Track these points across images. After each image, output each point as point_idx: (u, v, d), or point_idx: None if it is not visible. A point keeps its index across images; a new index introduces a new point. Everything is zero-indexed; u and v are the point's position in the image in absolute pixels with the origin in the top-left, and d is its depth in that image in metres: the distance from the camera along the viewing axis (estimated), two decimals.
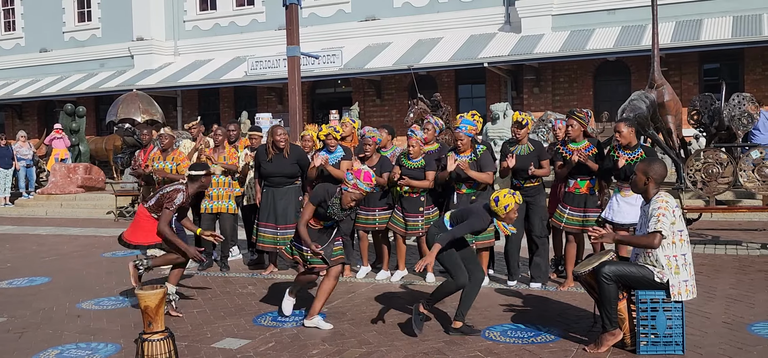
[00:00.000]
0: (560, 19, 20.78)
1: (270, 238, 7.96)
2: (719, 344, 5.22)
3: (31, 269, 9.35)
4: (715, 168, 9.46)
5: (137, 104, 19.26)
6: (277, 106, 23.73)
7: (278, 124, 8.70)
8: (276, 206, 7.92)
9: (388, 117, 22.25)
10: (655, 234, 4.88)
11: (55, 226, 14.40)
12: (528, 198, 7.20)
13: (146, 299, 4.65)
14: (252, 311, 6.63)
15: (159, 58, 26.23)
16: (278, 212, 7.91)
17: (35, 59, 28.23)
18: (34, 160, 19.07)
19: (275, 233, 7.93)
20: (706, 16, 19.26)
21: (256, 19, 24.95)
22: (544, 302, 6.63)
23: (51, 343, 5.80)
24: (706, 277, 7.43)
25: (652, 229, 4.90)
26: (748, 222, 11.41)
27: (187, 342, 5.67)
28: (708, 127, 13.82)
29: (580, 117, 7.00)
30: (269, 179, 8.00)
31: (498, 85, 21.83)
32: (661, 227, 4.87)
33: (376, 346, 5.44)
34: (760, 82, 18.96)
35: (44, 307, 7.08)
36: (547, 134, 13.77)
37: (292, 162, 7.95)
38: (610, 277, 4.97)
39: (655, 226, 4.89)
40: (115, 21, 26.66)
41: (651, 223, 4.92)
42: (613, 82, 20.45)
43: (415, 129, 7.66)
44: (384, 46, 22.56)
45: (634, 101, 12.20)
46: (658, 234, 4.88)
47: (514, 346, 5.35)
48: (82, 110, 20.97)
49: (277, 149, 7.91)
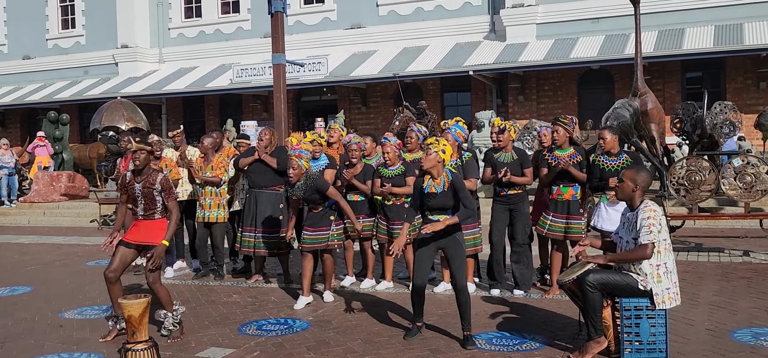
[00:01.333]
0: (545, 28, 20.94)
1: (248, 241, 8.03)
2: (702, 351, 5.25)
3: (13, 278, 9.25)
4: (697, 176, 9.54)
5: (121, 112, 19.17)
6: (262, 113, 23.70)
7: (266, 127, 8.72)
8: (257, 210, 7.98)
9: (373, 125, 22.28)
10: (647, 245, 4.91)
11: (38, 234, 14.27)
12: (511, 205, 7.23)
13: (130, 308, 4.62)
14: (237, 320, 6.60)
15: (144, 65, 26.13)
16: (258, 215, 7.97)
17: (18, 66, 28.02)
18: (17, 168, 18.89)
19: (254, 236, 7.98)
20: (688, 26, 19.48)
21: (242, 27, 24.93)
22: (530, 309, 6.65)
23: (33, 353, 5.74)
24: (690, 284, 7.48)
25: (644, 240, 4.93)
26: (731, 229, 11.51)
27: (171, 352, 5.63)
28: (690, 136, 13.96)
29: (565, 123, 7.04)
30: (252, 181, 8.04)
31: (483, 93, 21.94)
32: (653, 238, 4.91)
33: (361, 354, 5.43)
34: (742, 91, 19.19)
35: (26, 317, 7.01)
36: (532, 142, 13.83)
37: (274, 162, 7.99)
38: (595, 285, 4.99)
39: (647, 237, 4.91)
40: (99, 28, 26.53)
41: (642, 234, 4.93)
42: (597, 91, 20.61)
43: (387, 136, 7.68)
44: (369, 54, 22.61)
45: (617, 109, 12.29)
46: (650, 245, 4.91)
47: (500, 353, 5.36)
48: (65, 118, 20.82)
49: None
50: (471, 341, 5.53)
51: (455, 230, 5.70)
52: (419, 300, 5.82)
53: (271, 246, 8.01)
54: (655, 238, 4.92)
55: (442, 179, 5.69)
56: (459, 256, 5.69)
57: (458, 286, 5.64)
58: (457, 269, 5.64)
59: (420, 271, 5.75)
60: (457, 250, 5.70)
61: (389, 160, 7.43)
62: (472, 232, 7.28)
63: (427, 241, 5.73)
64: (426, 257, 5.76)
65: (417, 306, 5.85)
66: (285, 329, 6.22)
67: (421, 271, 5.75)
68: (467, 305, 5.63)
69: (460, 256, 5.70)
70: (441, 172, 5.71)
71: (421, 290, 5.77)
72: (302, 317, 6.60)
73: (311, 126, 20.48)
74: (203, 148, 8.53)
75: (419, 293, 5.79)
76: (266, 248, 8.01)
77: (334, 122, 13.48)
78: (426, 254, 5.75)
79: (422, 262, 5.76)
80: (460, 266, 5.66)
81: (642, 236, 4.94)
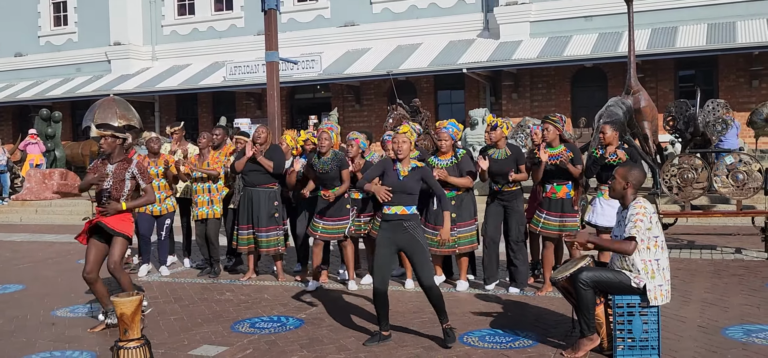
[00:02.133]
0: (538, 26, 20.96)
1: (245, 239, 8.06)
2: (694, 347, 5.27)
3: (5, 276, 9.21)
4: (690, 173, 9.57)
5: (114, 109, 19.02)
6: (255, 111, 23.66)
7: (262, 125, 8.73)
8: (253, 208, 7.98)
9: (367, 123, 22.26)
10: (630, 240, 4.92)
11: (30, 232, 14.21)
12: (505, 202, 7.23)
13: (122, 306, 4.60)
14: (230, 318, 6.59)
15: (136, 62, 26.03)
16: (254, 214, 7.97)
17: (10, 63, 27.88)
18: (9, 166, 18.81)
19: (250, 234, 8.00)
20: (681, 24, 19.53)
21: (235, 24, 24.86)
22: (522, 307, 6.66)
23: (25, 351, 5.72)
24: (682, 281, 7.51)
25: (627, 234, 4.94)
26: (723, 227, 11.55)
27: (164, 350, 5.62)
28: (683, 133, 13.99)
29: (554, 121, 7.05)
30: (247, 180, 8.03)
31: (477, 91, 21.95)
32: (635, 233, 4.91)
33: (354, 352, 5.43)
34: (734, 89, 19.25)
35: (18, 315, 6.98)
36: (525, 140, 13.84)
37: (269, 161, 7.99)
38: (588, 283, 5.00)
39: (631, 231, 4.93)
40: (91, 25, 26.42)
41: (628, 228, 4.96)
42: (590, 89, 20.65)
43: (390, 133, 7.68)
44: (363, 51, 22.59)
45: (610, 107, 12.32)
46: (632, 241, 4.91)
47: (492, 351, 5.36)
48: (57, 115, 20.74)
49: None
50: (451, 335, 5.42)
51: (414, 228, 5.49)
52: (381, 305, 5.51)
53: (267, 245, 8.01)
54: (641, 234, 4.92)
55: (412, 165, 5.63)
56: (420, 254, 5.45)
57: (425, 285, 5.42)
58: (420, 268, 5.43)
59: (380, 274, 5.47)
60: (417, 248, 5.46)
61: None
62: (468, 229, 7.30)
63: (385, 242, 5.52)
64: (385, 260, 5.49)
65: (380, 311, 5.54)
66: (278, 327, 6.21)
67: (380, 274, 5.46)
68: (440, 300, 5.45)
69: (422, 254, 5.46)
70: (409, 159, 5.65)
71: (382, 294, 5.48)
72: (296, 315, 6.60)
73: (305, 123, 20.46)
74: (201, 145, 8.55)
75: (380, 298, 5.48)
76: (264, 246, 8.01)
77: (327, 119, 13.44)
78: (385, 257, 5.50)
79: (381, 265, 5.48)
80: (423, 265, 5.43)
81: (627, 231, 4.96)
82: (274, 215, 7.99)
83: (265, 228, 7.97)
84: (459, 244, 7.26)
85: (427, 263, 5.50)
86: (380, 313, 5.55)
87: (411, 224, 5.51)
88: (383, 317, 5.57)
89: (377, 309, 5.56)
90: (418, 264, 5.45)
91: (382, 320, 5.57)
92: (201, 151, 8.59)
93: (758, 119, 15.12)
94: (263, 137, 8.07)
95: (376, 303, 5.54)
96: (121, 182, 6.09)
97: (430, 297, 5.46)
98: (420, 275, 5.44)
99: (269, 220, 7.97)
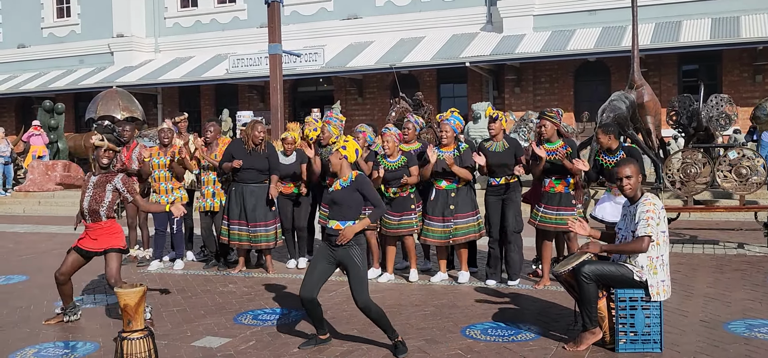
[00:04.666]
0: (542, 20, 20.91)
1: (245, 235, 8.02)
2: (696, 342, 5.28)
3: (8, 267, 9.24)
4: (693, 168, 9.56)
5: (117, 101, 19.09)
6: (258, 104, 23.65)
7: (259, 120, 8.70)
8: (246, 204, 7.97)
9: (370, 116, 22.25)
10: (644, 238, 4.92)
11: (33, 224, 14.24)
12: (502, 196, 7.23)
13: (125, 297, 4.62)
14: (232, 310, 6.60)
15: (139, 55, 26.03)
16: (248, 210, 7.96)
17: (13, 55, 27.89)
18: (12, 157, 18.83)
19: (247, 230, 7.97)
20: (685, 18, 19.48)
21: (238, 17, 24.84)
22: (525, 300, 6.67)
23: (28, 342, 5.74)
24: (684, 276, 7.51)
25: (641, 233, 4.94)
26: (725, 222, 11.54)
27: (167, 341, 5.64)
28: (686, 128, 13.97)
29: (551, 117, 7.05)
30: (240, 176, 7.99)
31: (479, 85, 21.92)
32: (650, 231, 4.91)
33: (357, 344, 5.44)
34: (738, 84, 19.21)
35: (21, 305, 7.00)
36: (528, 134, 13.84)
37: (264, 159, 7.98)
38: (590, 276, 5.00)
39: (645, 230, 4.92)
40: (94, 17, 26.42)
41: (640, 227, 4.94)
42: (593, 83, 20.62)
43: (388, 126, 7.71)
44: (366, 44, 22.56)
45: (613, 102, 12.30)
46: (646, 238, 4.92)
47: (495, 344, 5.37)
48: (60, 107, 20.75)
49: (255, 144, 7.97)
50: (402, 348, 5.15)
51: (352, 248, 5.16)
52: (312, 313, 5.28)
53: (267, 239, 8.02)
54: (653, 231, 4.93)
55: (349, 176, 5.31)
56: (355, 274, 5.13)
57: (360, 306, 5.12)
58: (355, 288, 5.12)
59: (308, 281, 5.20)
60: (352, 267, 5.15)
61: (389, 149, 7.41)
62: (466, 220, 7.28)
63: (324, 253, 5.29)
64: (318, 269, 5.25)
65: (313, 319, 5.34)
66: (281, 319, 6.23)
67: (308, 281, 5.20)
68: (381, 318, 5.14)
69: (357, 274, 5.13)
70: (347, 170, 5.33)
71: (309, 301, 5.19)
72: (298, 307, 6.60)
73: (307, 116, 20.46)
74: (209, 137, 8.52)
75: (307, 305, 5.22)
76: (263, 241, 8.02)
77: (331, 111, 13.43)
78: (318, 265, 5.27)
79: (311, 272, 5.25)
80: (357, 285, 5.11)
81: (640, 229, 4.95)
82: (272, 209, 8.03)
83: (264, 223, 7.97)
84: (457, 234, 7.26)
85: (361, 283, 5.14)
86: (312, 319, 5.36)
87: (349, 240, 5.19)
88: (318, 323, 5.36)
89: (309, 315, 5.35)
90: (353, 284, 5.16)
91: (316, 325, 5.38)
92: (209, 143, 8.54)
93: (762, 114, 15.09)
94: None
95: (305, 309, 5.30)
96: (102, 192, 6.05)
97: (371, 318, 5.18)
98: (355, 295, 5.14)
99: (268, 214, 7.99)
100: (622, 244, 5.11)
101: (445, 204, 7.26)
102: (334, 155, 5.37)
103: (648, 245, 4.93)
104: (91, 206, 6.04)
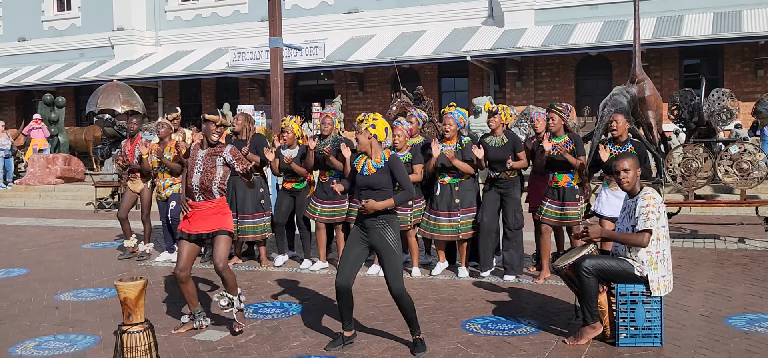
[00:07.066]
0: (543, 14, 20.87)
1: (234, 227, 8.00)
2: (697, 336, 5.27)
3: (9, 260, 9.24)
4: (694, 163, 9.54)
5: (117, 95, 19.08)
6: (259, 97, 23.62)
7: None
8: (236, 195, 8.04)
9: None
10: (644, 233, 4.91)
11: (34, 217, 14.24)
12: (502, 190, 7.22)
13: (126, 290, 4.60)
14: None
15: (140, 48, 25.99)
16: (238, 201, 8.03)
17: (13, 48, 27.86)
18: (12, 151, 18.83)
19: (236, 222, 7.99)
20: (686, 12, 19.43)
21: (239, 10, 24.79)
22: (525, 294, 6.66)
23: (29, 334, 5.74)
24: (685, 270, 7.50)
25: (641, 227, 4.93)
26: (726, 216, 11.53)
27: (167, 334, 5.63)
28: (688, 123, 13.95)
29: (560, 111, 7.03)
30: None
31: (480, 79, 21.89)
32: (650, 226, 4.91)
33: (357, 338, 5.43)
34: (740, 78, 19.17)
35: (22, 298, 7.00)
36: (529, 128, 13.82)
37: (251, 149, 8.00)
38: (591, 271, 4.99)
39: (645, 224, 4.91)
40: (95, 10, 26.37)
41: (640, 221, 4.93)
42: (594, 77, 20.59)
43: (401, 120, 7.68)
44: (367, 38, 22.52)
45: (615, 96, 12.28)
46: (647, 233, 4.91)
47: (495, 338, 5.37)
48: (61, 100, 20.74)
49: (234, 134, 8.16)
50: (421, 347, 5.04)
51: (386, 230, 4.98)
52: (344, 304, 5.06)
53: (254, 231, 8.07)
54: (653, 226, 4.92)
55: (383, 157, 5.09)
56: (389, 260, 4.94)
57: (394, 293, 4.95)
58: (389, 274, 4.93)
59: (343, 268, 5.01)
60: (386, 252, 4.96)
61: (399, 143, 7.38)
62: (469, 216, 7.27)
63: (357, 237, 5.11)
64: (352, 254, 5.06)
65: (343, 311, 5.11)
66: (281, 313, 6.23)
67: (344, 268, 5.01)
68: (410, 310, 5.00)
69: (391, 260, 4.94)
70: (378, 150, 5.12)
71: (344, 291, 5.00)
72: (298, 301, 6.60)
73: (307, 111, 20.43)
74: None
75: (341, 295, 5.02)
76: (250, 233, 8.07)
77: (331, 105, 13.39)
78: (353, 251, 5.07)
79: (347, 258, 5.05)
80: (392, 271, 4.92)
81: (640, 224, 4.94)
82: (260, 202, 8.08)
83: (252, 215, 8.05)
84: (464, 230, 7.26)
85: (396, 271, 4.95)
86: (342, 312, 5.14)
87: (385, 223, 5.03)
88: (346, 317, 5.14)
89: (339, 308, 5.12)
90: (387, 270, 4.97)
91: (345, 319, 5.16)
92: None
93: (764, 109, 15.07)
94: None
95: (338, 301, 5.08)
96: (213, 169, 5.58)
97: (401, 307, 5.01)
98: (389, 283, 4.96)
99: (256, 207, 8.04)
100: (623, 234, 5.10)
101: (451, 199, 7.24)
102: (363, 134, 5.05)
103: (648, 240, 4.93)
104: (203, 184, 5.52)
